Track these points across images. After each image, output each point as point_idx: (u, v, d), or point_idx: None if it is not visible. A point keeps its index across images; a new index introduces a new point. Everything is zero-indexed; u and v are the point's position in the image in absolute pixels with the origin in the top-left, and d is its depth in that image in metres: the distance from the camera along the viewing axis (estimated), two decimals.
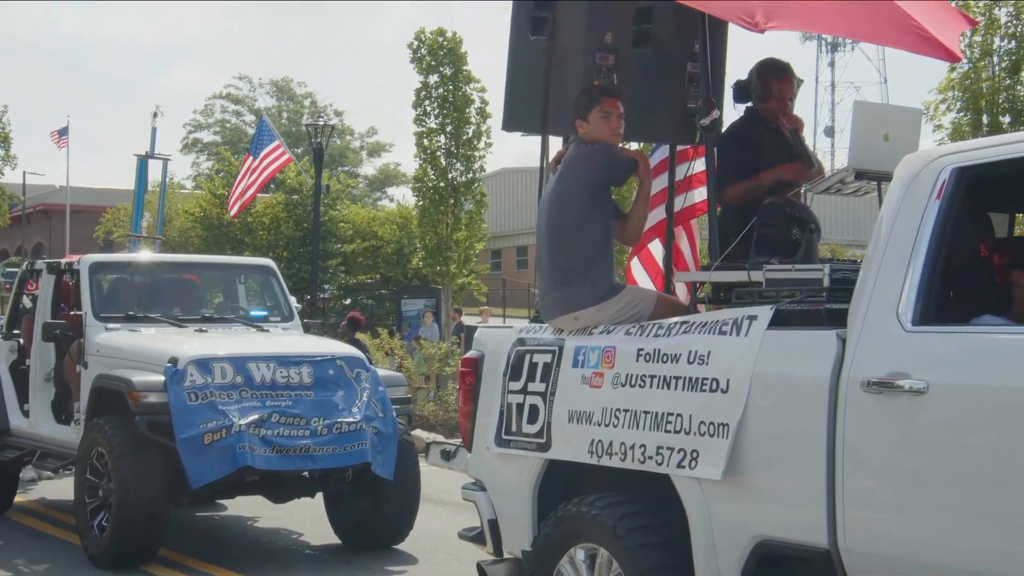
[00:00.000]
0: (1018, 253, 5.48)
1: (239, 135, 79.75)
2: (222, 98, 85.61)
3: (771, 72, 7.71)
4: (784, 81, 7.72)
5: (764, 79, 7.69)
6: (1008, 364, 4.69)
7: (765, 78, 7.70)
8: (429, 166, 36.25)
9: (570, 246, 6.69)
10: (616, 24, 7.60)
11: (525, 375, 6.69)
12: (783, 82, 7.72)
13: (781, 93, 7.68)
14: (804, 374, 5.29)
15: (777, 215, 6.31)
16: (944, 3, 8.61)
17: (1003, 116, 26.96)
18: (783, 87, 7.70)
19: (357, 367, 11.27)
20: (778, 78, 7.70)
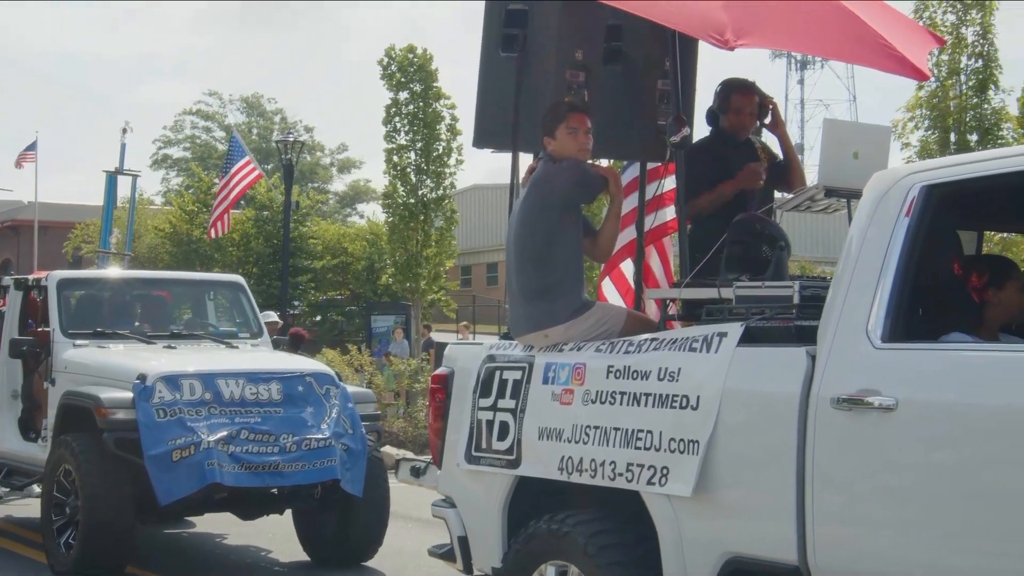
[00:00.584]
0: (991, 272, 5.50)
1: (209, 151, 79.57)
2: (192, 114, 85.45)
3: (732, 87, 7.89)
4: (743, 95, 7.86)
5: (724, 92, 7.87)
6: (976, 381, 4.71)
7: (725, 91, 7.87)
8: (399, 182, 36.24)
9: (539, 264, 6.68)
10: (587, 41, 7.61)
11: (495, 392, 6.68)
12: (742, 96, 7.86)
13: (739, 105, 7.82)
14: (774, 391, 5.30)
15: (747, 232, 6.32)
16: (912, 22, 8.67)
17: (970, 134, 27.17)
18: (741, 100, 7.84)
19: (326, 383, 11.23)
20: (738, 92, 7.86)
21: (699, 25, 6.22)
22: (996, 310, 5.41)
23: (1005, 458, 4.53)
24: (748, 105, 7.85)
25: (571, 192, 6.76)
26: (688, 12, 6.29)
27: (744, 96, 7.87)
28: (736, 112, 7.83)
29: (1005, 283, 5.44)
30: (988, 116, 27.34)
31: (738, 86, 7.89)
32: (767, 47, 7.05)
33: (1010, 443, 4.51)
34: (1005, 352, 4.94)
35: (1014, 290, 5.45)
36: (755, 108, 7.88)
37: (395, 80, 36.46)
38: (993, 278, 5.44)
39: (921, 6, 27.25)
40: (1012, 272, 5.52)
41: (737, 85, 7.89)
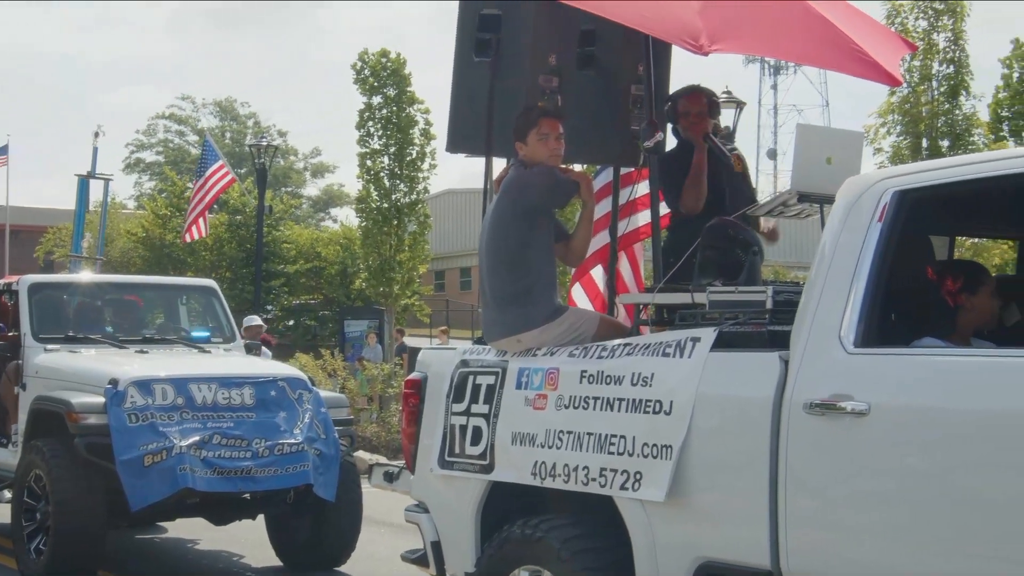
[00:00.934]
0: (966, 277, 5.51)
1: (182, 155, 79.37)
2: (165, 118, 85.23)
3: (677, 94, 7.99)
4: (689, 97, 7.95)
5: (671, 102, 7.94)
6: (948, 386, 4.72)
7: (673, 100, 7.95)
8: (373, 187, 36.23)
9: (511, 269, 6.67)
10: (560, 46, 7.60)
11: (468, 397, 6.67)
12: (688, 98, 7.94)
13: (686, 108, 7.91)
14: (747, 396, 5.30)
15: (720, 237, 6.32)
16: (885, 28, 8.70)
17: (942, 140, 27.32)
18: (688, 103, 7.93)
19: (299, 388, 11.20)
20: (683, 96, 7.95)
21: (673, 30, 6.23)
22: (969, 315, 5.42)
23: (978, 463, 4.54)
24: (695, 106, 7.92)
25: (542, 197, 6.76)
26: (662, 17, 6.29)
27: (689, 98, 7.95)
28: (685, 115, 7.91)
29: (978, 288, 5.45)
30: (959, 122, 27.50)
31: (682, 92, 8.00)
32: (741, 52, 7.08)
33: (982, 448, 4.52)
34: (977, 357, 4.95)
35: (986, 295, 5.46)
36: (704, 107, 7.94)
37: (368, 84, 36.46)
38: (967, 283, 5.45)
39: (893, 12, 27.40)
40: (985, 277, 5.53)
41: (681, 92, 8.01)
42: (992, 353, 5.03)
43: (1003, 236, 12.24)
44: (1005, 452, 4.45)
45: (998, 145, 26.83)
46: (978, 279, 5.49)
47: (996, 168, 5.00)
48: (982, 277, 5.52)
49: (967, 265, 5.89)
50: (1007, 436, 4.45)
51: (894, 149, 27.66)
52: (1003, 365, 4.70)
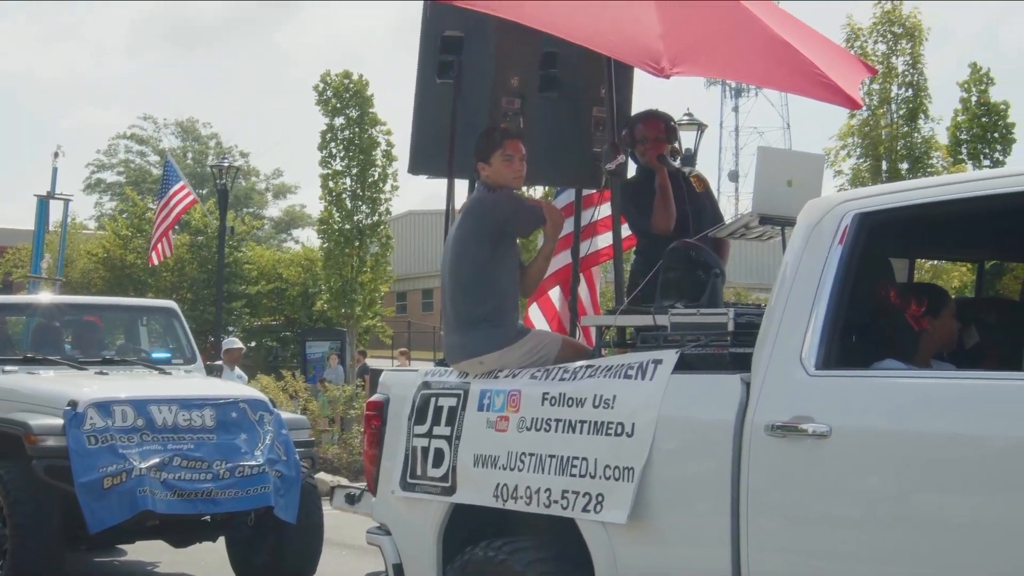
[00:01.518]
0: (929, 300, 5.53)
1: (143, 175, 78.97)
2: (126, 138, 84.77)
3: (636, 118, 7.92)
4: (646, 122, 7.87)
5: (630, 127, 7.85)
6: (907, 408, 4.74)
7: (631, 126, 7.86)
8: (334, 208, 36.13)
9: (473, 292, 6.67)
10: (523, 68, 7.62)
11: (430, 419, 6.65)
12: (645, 123, 7.86)
13: (643, 134, 7.81)
14: (709, 418, 5.30)
15: (682, 259, 6.32)
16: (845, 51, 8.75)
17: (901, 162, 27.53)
18: (645, 128, 7.83)
19: (260, 410, 11.16)
20: (642, 120, 7.87)
21: (635, 53, 6.25)
22: (932, 338, 5.44)
23: (938, 485, 4.56)
24: (652, 131, 7.83)
25: (507, 223, 6.75)
26: (624, 40, 6.31)
27: (647, 123, 7.87)
28: (642, 141, 7.81)
29: (941, 311, 5.47)
30: (918, 145, 27.73)
31: (639, 118, 7.92)
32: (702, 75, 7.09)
33: (943, 470, 4.54)
34: (937, 380, 4.98)
35: (949, 318, 5.49)
36: (661, 132, 7.85)
37: (331, 106, 36.38)
38: (931, 307, 5.47)
39: (853, 35, 27.64)
40: (947, 300, 5.57)
41: (638, 117, 7.94)
42: (952, 375, 5.06)
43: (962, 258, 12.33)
44: (965, 473, 4.48)
45: (956, 168, 27.02)
46: (941, 302, 5.52)
47: (955, 191, 5.04)
48: (945, 300, 5.55)
49: (930, 289, 5.93)
50: (966, 458, 4.47)
51: (854, 171, 27.86)
52: (962, 387, 4.73)
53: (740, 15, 6.71)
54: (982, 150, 28.28)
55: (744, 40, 6.60)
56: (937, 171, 26.99)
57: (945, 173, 25.77)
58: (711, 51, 6.56)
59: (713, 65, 7.42)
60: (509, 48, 7.51)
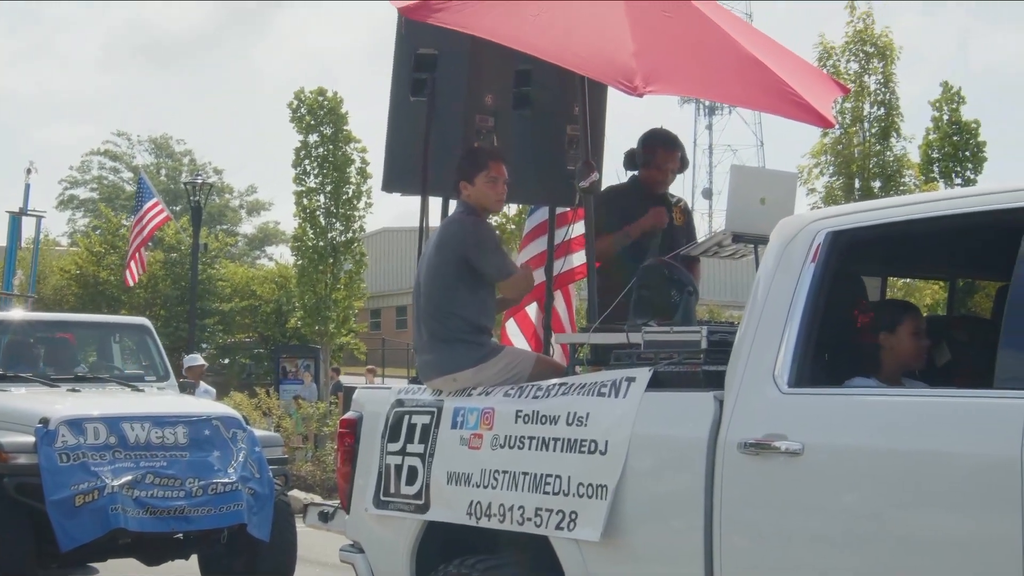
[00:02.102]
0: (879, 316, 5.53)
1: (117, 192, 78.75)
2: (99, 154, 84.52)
3: (658, 141, 7.92)
4: (669, 151, 7.89)
5: (649, 146, 7.88)
6: (878, 425, 4.75)
7: (651, 146, 7.88)
8: (308, 225, 36.09)
9: (446, 312, 6.66)
10: (496, 86, 7.62)
11: (404, 436, 6.64)
12: (668, 152, 7.89)
13: (663, 162, 7.84)
14: (682, 436, 5.31)
15: (655, 277, 6.33)
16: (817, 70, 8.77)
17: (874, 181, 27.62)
18: (666, 157, 7.87)
19: (233, 427, 11.11)
20: (664, 147, 7.88)
21: (608, 71, 6.25)
22: (892, 354, 5.42)
23: (908, 503, 4.57)
24: (671, 162, 7.90)
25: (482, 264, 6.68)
26: (597, 58, 6.32)
27: (669, 152, 7.91)
28: (659, 168, 7.87)
29: (896, 327, 5.44)
30: (891, 163, 27.83)
31: (664, 140, 7.93)
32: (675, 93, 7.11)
33: (912, 488, 4.55)
34: (907, 397, 4.99)
35: (906, 334, 5.43)
36: (677, 165, 7.92)
37: (305, 122, 36.37)
38: (883, 322, 5.46)
39: (825, 54, 27.74)
40: (903, 316, 5.50)
41: (663, 139, 7.93)
42: (923, 393, 5.08)
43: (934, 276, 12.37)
44: (937, 491, 4.49)
45: (929, 187, 27.13)
46: (895, 317, 5.47)
47: (927, 210, 5.06)
48: (900, 316, 5.48)
49: (885, 304, 5.91)
50: (938, 475, 4.48)
51: (827, 190, 27.93)
52: (934, 405, 4.74)
53: (713, 34, 6.73)
54: (954, 168, 28.40)
55: (717, 59, 6.62)
56: (909, 189, 27.09)
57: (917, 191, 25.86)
58: (684, 69, 6.57)
59: (686, 83, 7.44)
60: (483, 66, 7.51)
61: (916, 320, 5.52)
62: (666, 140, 7.92)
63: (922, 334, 5.50)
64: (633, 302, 6.30)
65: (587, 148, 7.13)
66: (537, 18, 6.48)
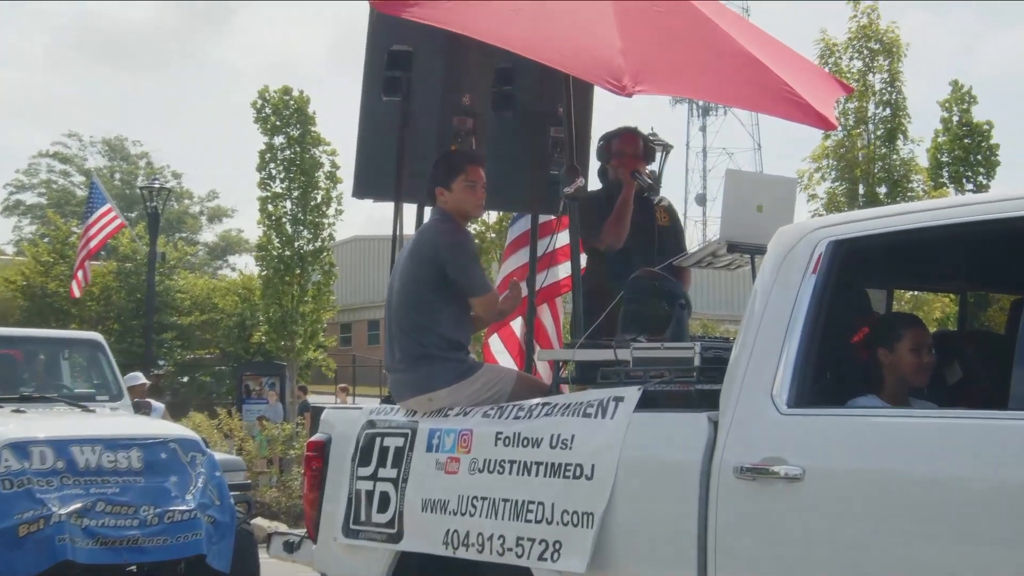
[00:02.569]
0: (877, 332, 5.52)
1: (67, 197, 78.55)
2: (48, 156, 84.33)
3: (610, 135, 8.09)
4: (623, 138, 8.06)
5: (604, 143, 8.07)
6: (883, 447, 4.74)
7: (605, 141, 8.07)
8: (274, 233, 36.02)
9: (421, 327, 6.65)
10: (475, 85, 7.63)
11: (375, 460, 6.63)
12: (622, 139, 8.05)
13: (620, 149, 8.00)
14: (674, 459, 5.30)
15: (645, 290, 6.33)
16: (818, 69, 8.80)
17: (879, 186, 27.57)
18: (622, 144, 8.03)
19: (192, 450, 11.09)
20: (617, 136, 8.05)
21: (595, 70, 6.26)
22: (893, 372, 5.41)
23: (915, 530, 4.56)
24: (631, 146, 8.02)
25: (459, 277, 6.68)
26: (583, 56, 6.32)
27: (624, 139, 8.06)
28: (619, 155, 7.98)
29: (896, 343, 5.42)
30: (897, 167, 27.81)
31: (618, 133, 8.10)
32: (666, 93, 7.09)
33: (920, 514, 4.54)
34: (915, 419, 4.99)
35: (905, 350, 5.41)
36: (639, 150, 8.01)
37: (270, 124, 36.29)
38: (881, 337, 5.45)
39: (827, 51, 27.66)
40: (902, 331, 5.47)
41: (616, 132, 8.12)
42: (932, 414, 5.07)
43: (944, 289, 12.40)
44: (946, 518, 4.48)
45: (938, 192, 27.18)
46: (893, 332, 5.45)
47: (936, 217, 5.06)
48: (898, 330, 5.46)
49: (883, 318, 5.90)
50: (947, 501, 4.48)
51: (829, 196, 27.94)
52: (943, 427, 4.73)
53: (707, 30, 6.74)
54: (964, 173, 28.51)
55: (711, 56, 6.63)
56: (917, 195, 27.11)
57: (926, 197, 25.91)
58: (676, 68, 6.58)
59: (678, 83, 7.42)
60: (461, 64, 7.53)
61: (917, 335, 5.47)
62: (623, 130, 8.14)
63: (924, 350, 5.45)
64: (621, 316, 6.30)
65: (572, 152, 7.13)
66: (519, 13, 6.48)
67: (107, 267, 45.25)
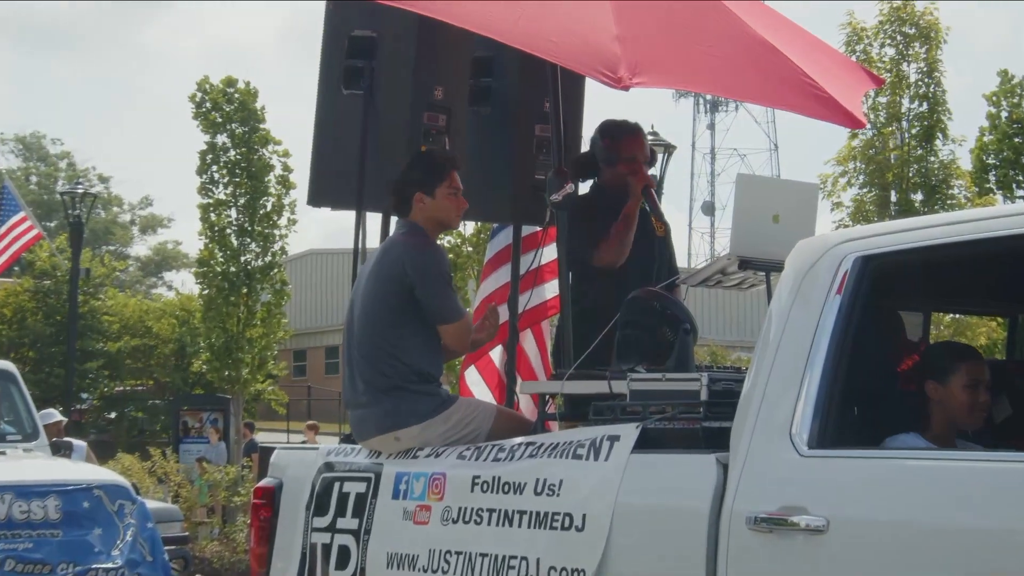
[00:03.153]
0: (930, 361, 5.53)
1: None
2: None
3: (617, 130, 7.86)
4: (633, 139, 7.85)
5: (610, 139, 7.82)
6: (921, 497, 4.74)
7: (611, 138, 7.82)
8: (217, 246, 36.00)
9: (387, 356, 6.65)
10: (449, 77, 7.63)
11: (334, 508, 6.63)
12: (633, 140, 7.84)
13: (631, 152, 7.76)
14: (677, 507, 5.31)
15: (644, 312, 6.34)
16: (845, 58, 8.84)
17: (914, 192, 27.51)
18: (633, 146, 7.80)
19: (119, 498, 11.08)
20: (628, 135, 7.83)
21: (587, 59, 6.27)
22: (942, 408, 5.42)
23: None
24: (641, 150, 7.83)
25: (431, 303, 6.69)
26: (574, 43, 6.33)
27: (634, 140, 7.85)
28: (628, 161, 7.75)
29: (950, 375, 5.44)
30: (935, 171, 27.81)
31: (626, 131, 7.89)
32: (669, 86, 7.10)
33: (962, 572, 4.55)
34: (960, 462, 4.98)
35: (959, 386, 5.43)
36: (648, 154, 7.90)
37: (211, 120, 36.27)
38: (934, 368, 5.46)
39: (854, 37, 27.55)
40: (958, 363, 5.48)
41: (621, 127, 7.90)
42: (978, 456, 5.07)
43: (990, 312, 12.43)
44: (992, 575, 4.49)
45: (983, 200, 27.22)
46: (949, 366, 5.47)
47: (981, 229, 5.06)
48: (954, 364, 5.49)
49: (937, 348, 5.91)
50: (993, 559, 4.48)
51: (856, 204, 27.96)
52: (991, 472, 4.72)
53: (715, 13, 6.78)
54: (1015, 177, 28.56)
55: (720, 44, 6.66)
56: (959, 204, 27.15)
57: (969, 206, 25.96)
58: (680, 57, 6.60)
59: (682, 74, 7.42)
60: (433, 52, 7.53)
61: (973, 369, 5.47)
62: (631, 128, 7.90)
63: (981, 387, 5.46)
64: (617, 342, 6.31)
65: (560, 153, 7.16)
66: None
67: (21, 285, 45.14)
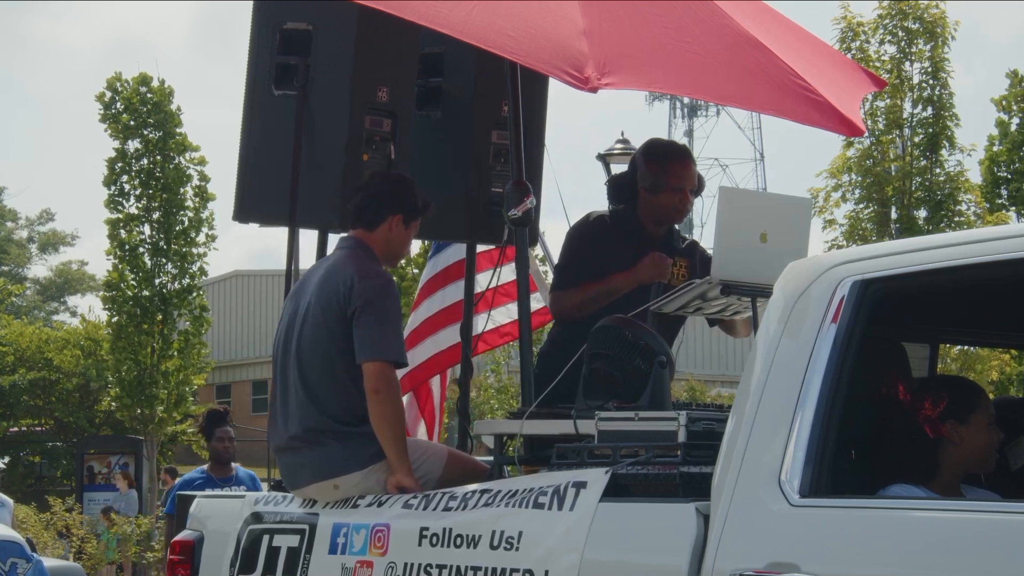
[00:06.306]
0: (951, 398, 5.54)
1: None
2: None
3: (664, 154, 7.72)
4: (684, 165, 7.67)
5: (656, 163, 7.64)
6: (926, 552, 4.76)
7: (657, 162, 7.64)
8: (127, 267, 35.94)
9: (324, 393, 6.65)
10: (395, 77, 7.64)
11: (262, 565, 6.62)
12: (682, 167, 7.66)
13: (679, 181, 7.61)
14: (652, 563, 5.32)
15: (614, 343, 6.34)
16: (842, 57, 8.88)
17: (917, 208, 27.50)
18: (682, 174, 7.64)
19: (12, 555, 11.06)
20: (677, 160, 7.66)
21: (549, 57, 6.28)
22: (957, 452, 5.43)
23: None
24: (690, 179, 7.68)
25: (366, 334, 6.68)
26: (535, 39, 6.34)
27: (684, 166, 7.68)
28: (675, 190, 7.61)
29: (970, 415, 5.44)
30: (941, 184, 27.83)
31: (677, 154, 7.76)
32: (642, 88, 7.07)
33: None
34: (973, 513, 4.98)
35: (980, 426, 5.45)
36: (695, 182, 7.72)
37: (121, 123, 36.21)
38: (954, 407, 5.47)
39: (849, 32, 27.48)
40: (979, 401, 5.50)
41: (670, 150, 7.81)
42: (992, 507, 5.07)
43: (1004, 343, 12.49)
44: None
45: (995, 217, 27.29)
46: (969, 402, 5.49)
47: (992, 250, 5.08)
48: (975, 400, 5.51)
49: (955, 383, 5.93)
50: None
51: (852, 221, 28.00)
52: (1006, 525, 4.74)
53: (695, 5, 6.80)
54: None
55: (701, 40, 6.67)
56: (968, 221, 27.21)
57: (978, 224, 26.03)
58: (655, 54, 6.62)
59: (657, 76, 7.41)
60: (376, 48, 7.54)
61: (991, 405, 5.53)
62: (681, 150, 7.81)
63: (996, 426, 5.51)
64: (584, 377, 6.31)
65: (520, 163, 7.17)
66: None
67: None
